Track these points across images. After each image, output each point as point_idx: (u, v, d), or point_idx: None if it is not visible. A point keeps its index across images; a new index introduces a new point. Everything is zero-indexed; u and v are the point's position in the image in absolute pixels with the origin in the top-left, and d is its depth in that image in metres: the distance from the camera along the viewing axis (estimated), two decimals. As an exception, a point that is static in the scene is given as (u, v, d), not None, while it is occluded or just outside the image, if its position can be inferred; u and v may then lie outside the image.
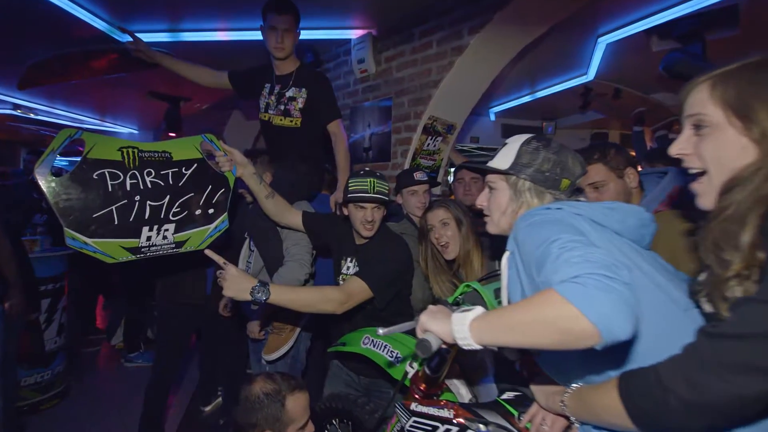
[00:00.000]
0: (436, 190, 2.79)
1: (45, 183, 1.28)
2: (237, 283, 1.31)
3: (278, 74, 2.27)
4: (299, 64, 2.27)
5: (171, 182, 1.52)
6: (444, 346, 0.89)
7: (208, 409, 3.11)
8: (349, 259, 1.89)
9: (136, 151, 1.45)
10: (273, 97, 2.26)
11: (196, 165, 1.59)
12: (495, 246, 1.81)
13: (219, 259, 1.36)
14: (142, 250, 1.46)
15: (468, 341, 0.80)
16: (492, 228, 1.11)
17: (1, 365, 2.31)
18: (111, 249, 1.38)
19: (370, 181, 1.70)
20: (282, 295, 1.38)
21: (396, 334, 1.52)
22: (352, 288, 1.58)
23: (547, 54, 3.33)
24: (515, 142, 1.07)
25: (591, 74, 3.86)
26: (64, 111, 5.85)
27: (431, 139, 2.77)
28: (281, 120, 2.24)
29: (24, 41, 3.27)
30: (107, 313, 4.93)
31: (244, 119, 4.91)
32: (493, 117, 5.78)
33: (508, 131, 5.93)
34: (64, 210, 1.30)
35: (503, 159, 1.07)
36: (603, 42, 3.17)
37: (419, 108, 2.64)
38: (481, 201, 1.14)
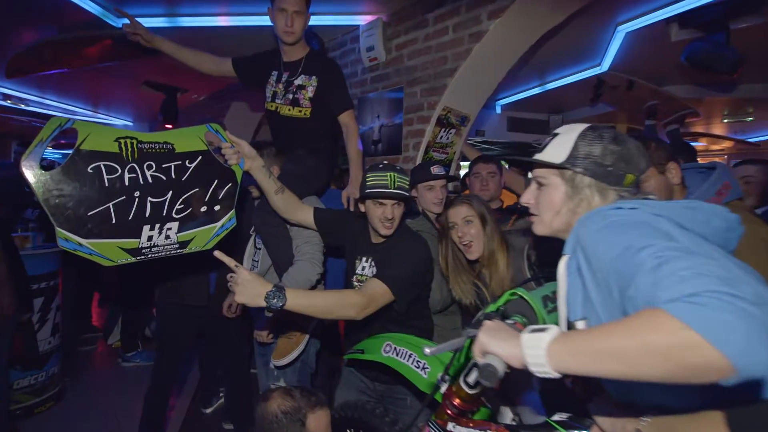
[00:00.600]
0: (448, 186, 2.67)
1: (33, 177, 1.14)
2: (250, 288, 1.19)
3: (286, 61, 2.12)
4: (309, 50, 2.12)
5: (174, 176, 1.38)
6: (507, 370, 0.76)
7: (209, 410, 3.00)
8: (364, 258, 1.77)
9: (135, 142, 1.31)
10: (281, 86, 2.11)
11: (200, 157, 1.45)
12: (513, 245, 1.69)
13: (230, 262, 1.22)
14: (143, 251, 1.32)
15: (544, 369, 0.67)
16: (541, 228, 0.99)
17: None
18: (108, 250, 1.25)
19: (390, 175, 1.57)
20: (299, 300, 1.25)
21: (422, 341, 1.40)
22: (372, 291, 1.45)
23: (561, 44, 3.19)
24: (570, 132, 0.95)
25: (605, 65, 3.73)
26: (56, 101, 5.64)
27: (444, 132, 2.64)
28: (289, 110, 2.10)
29: (11, 26, 3.09)
30: (103, 311, 4.80)
31: (243, 110, 4.74)
32: (498, 110, 5.64)
33: (514, 124, 5.79)
34: (55, 207, 1.17)
35: (556, 151, 0.94)
36: (622, 31, 3.03)
37: (433, 98, 2.51)
38: (528, 198, 1.02)
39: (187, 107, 5.52)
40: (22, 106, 5.73)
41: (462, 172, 3.51)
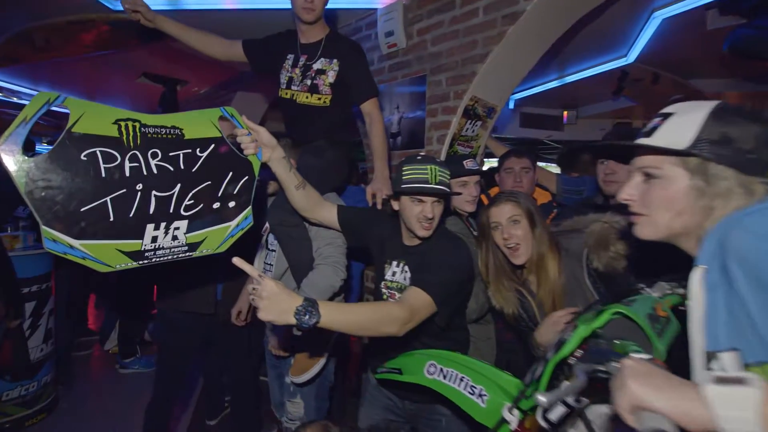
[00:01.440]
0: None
1: (14, 164, 0.93)
2: (278, 303, 0.98)
3: (304, 42, 1.91)
4: (329, 31, 1.92)
5: (183, 167, 1.18)
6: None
7: (214, 422, 2.80)
8: (395, 263, 1.56)
9: (137, 125, 1.10)
10: (297, 70, 1.90)
11: (213, 146, 1.24)
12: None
13: (252, 270, 1.02)
14: (146, 254, 1.12)
15: None
16: (650, 231, 0.79)
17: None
18: (105, 254, 1.04)
19: (431, 168, 1.37)
20: (335, 317, 1.05)
21: (474, 362, 1.20)
22: (414, 302, 1.25)
23: (588, 32, 3.00)
24: (695, 111, 0.74)
25: (631, 56, 3.53)
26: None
27: (470, 124, 2.43)
28: (307, 97, 1.89)
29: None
30: (100, 313, 4.58)
31: (248, 103, 4.51)
32: (512, 105, 5.44)
33: (528, 121, 5.60)
34: (41, 202, 0.96)
35: (676, 134, 0.74)
36: (659, 16, 2.84)
37: (460, 87, 2.30)
38: (630, 194, 0.81)
39: (187, 100, 5.29)
40: (15, 99, 5.47)
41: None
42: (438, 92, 2.42)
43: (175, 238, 1.16)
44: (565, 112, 5.36)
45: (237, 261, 1.03)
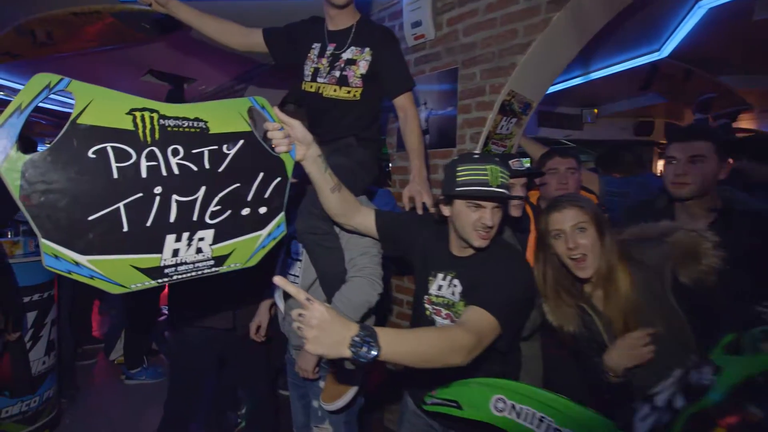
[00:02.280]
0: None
1: (5, 161, 0.75)
2: (330, 333, 0.79)
3: (332, 30, 1.73)
4: (360, 17, 1.73)
5: (208, 166, 0.99)
6: None
7: (227, 440, 2.61)
8: (441, 275, 1.38)
9: (156, 116, 0.92)
10: (324, 61, 1.72)
11: (242, 142, 1.06)
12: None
13: (298, 293, 0.83)
14: (166, 271, 0.94)
15: None
16: None
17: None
18: (118, 272, 0.86)
19: (492, 169, 1.19)
20: (396, 347, 0.86)
21: (552, 397, 1.02)
22: (479, 326, 1.06)
23: (625, 23, 2.81)
24: None
25: (665, 51, 3.34)
26: (53, 94, 5.19)
27: (505, 121, 2.25)
28: (335, 90, 1.71)
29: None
30: (104, 319, 4.41)
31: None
32: (529, 103, 5.25)
33: (545, 119, 5.41)
34: (39, 209, 0.78)
35: None
36: (704, 6, 2.64)
37: (497, 80, 2.12)
38: None
39: (193, 99, 5.13)
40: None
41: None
42: (471, 86, 2.23)
43: (199, 250, 0.98)
44: (595, 110, 5.16)
45: (279, 280, 0.84)
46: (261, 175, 1.09)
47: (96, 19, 2.93)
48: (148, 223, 0.90)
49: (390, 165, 2.75)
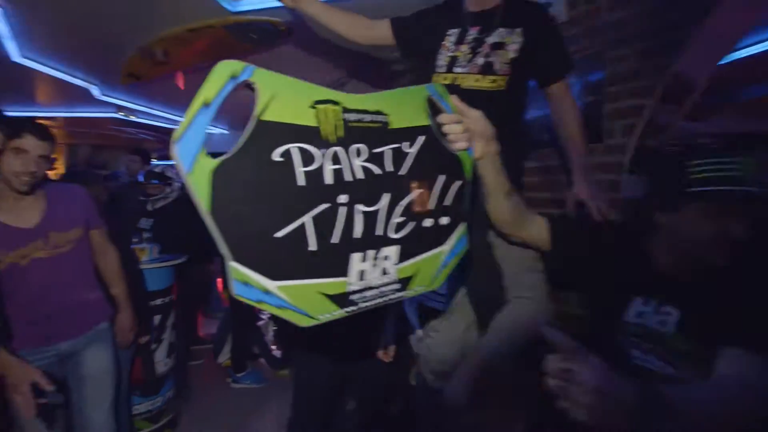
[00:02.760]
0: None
1: (193, 167, 0.62)
2: (613, 399, 0.56)
3: (475, 11, 1.51)
4: (507, -6, 1.50)
5: (389, 169, 0.82)
6: None
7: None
8: (641, 300, 1.08)
9: (338, 110, 0.76)
10: (464, 47, 1.50)
11: (423, 138, 0.87)
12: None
13: (570, 345, 0.61)
14: (352, 297, 0.77)
15: None
16: None
17: (116, 398, 1.85)
18: (306, 300, 0.71)
19: (747, 162, 0.88)
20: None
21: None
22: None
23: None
24: None
25: None
26: (161, 111, 5.57)
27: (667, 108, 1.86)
28: (477, 80, 1.48)
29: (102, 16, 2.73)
30: (207, 320, 4.61)
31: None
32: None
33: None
34: (230, 224, 0.64)
35: None
36: None
37: (657, 61, 1.75)
38: None
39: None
40: (133, 118, 5.71)
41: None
42: (622, 70, 1.88)
43: (385, 272, 0.80)
44: None
45: (550, 333, 0.61)
46: (442, 178, 0.90)
47: (208, 33, 3.03)
48: (335, 240, 0.74)
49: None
